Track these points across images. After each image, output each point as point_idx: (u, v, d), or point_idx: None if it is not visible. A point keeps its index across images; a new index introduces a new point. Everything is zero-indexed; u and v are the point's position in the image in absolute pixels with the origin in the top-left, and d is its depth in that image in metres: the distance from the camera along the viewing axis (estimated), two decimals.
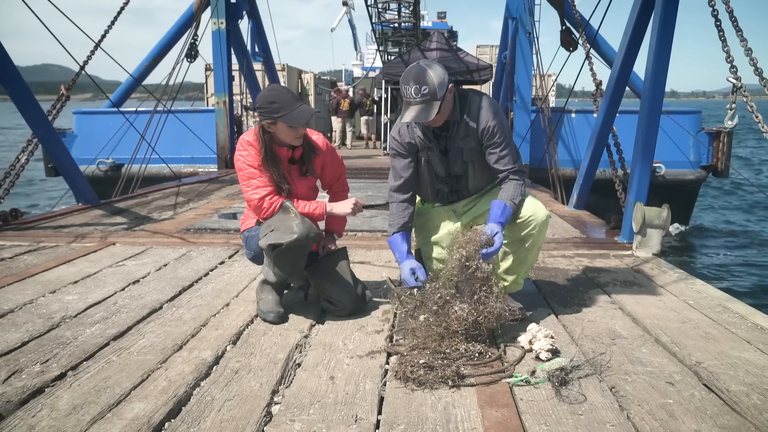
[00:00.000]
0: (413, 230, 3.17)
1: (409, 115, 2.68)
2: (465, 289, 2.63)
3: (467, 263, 2.59)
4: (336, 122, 17.08)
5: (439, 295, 2.62)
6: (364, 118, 17.17)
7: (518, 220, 2.87)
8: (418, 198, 3.20)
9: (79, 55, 7.21)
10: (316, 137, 3.15)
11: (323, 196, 3.23)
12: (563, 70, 9.98)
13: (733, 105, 4.23)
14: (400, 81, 2.74)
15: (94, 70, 7.53)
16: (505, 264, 3.04)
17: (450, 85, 2.72)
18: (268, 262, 2.95)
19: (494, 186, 3.02)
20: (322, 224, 3.21)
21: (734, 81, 4.11)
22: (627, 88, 6.47)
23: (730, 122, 4.31)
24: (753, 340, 2.75)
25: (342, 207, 3.06)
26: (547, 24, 12.05)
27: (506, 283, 3.06)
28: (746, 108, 4.28)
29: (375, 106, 16.54)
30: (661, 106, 4.66)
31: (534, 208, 2.87)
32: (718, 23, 4.25)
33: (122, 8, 8.20)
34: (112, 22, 8.01)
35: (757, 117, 4.11)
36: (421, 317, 2.62)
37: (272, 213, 2.92)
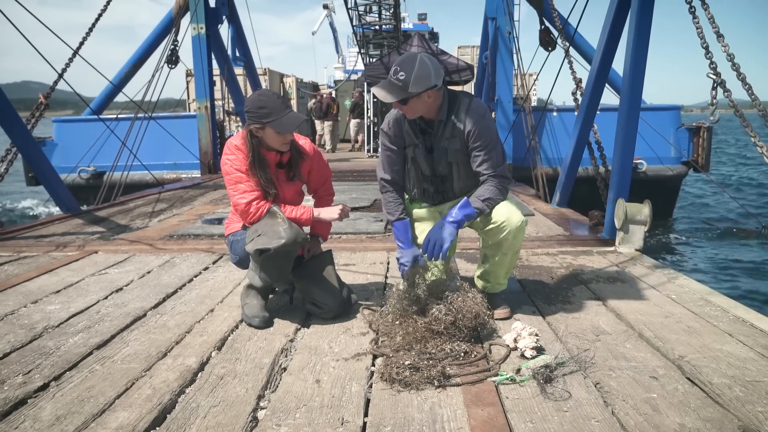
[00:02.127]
0: None
1: (375, 88, 2.77)
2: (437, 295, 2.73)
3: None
4: (325, 126, 16.96)
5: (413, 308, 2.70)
6: (356, 121, 17.12)
7: (492, 225, 2.88)
8: (406, 196, 3.21)
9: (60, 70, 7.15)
10: (303, 141, 3.14)
11: (307, 200, 3.23)
12: (544, 70, 10.03)
13: (715, 101, 4.26)
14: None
15: (75, 87, 7.45)
16: (484, 266, 3.07)
17: (431, 91, 2.72)
18: (255, 267, 2.94)
19: None
20: (307, 228, 3.21)
21: (714, 77, 4.14)
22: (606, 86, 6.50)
23: (711, 117, 4.35)
24: (735, 333, 2.79)
25: (329, 212, 3.05)
26: (527, 23, 12.13)
27: (488, 284, 3.08)
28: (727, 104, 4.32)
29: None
30: (639, 103, 4.70)
31: (507, 213, 2.86)
32: (696, 20, 4.29)
33: (100, 14, 8.14)
34: (90, 29, 7.95)
35: (737, 112, 4.15)
36: (398, 338, 2.61)
37: (259, 218, 2.91)
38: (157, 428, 1.99)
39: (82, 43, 7.61)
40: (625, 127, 4.65)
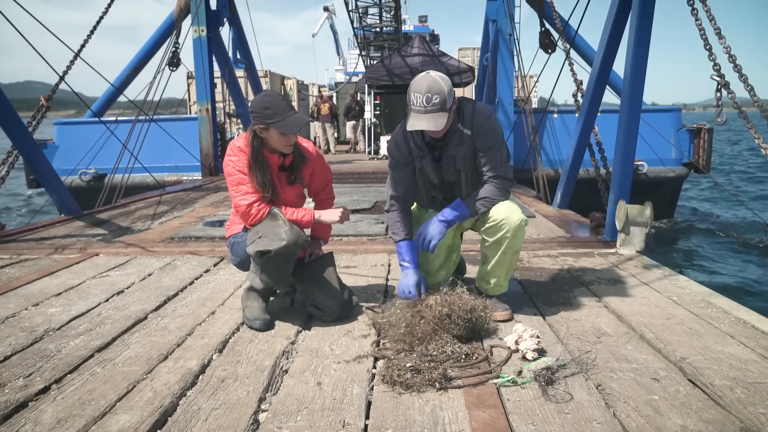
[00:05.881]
0: None
1: (418, 123, 2.66)
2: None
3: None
4: (317, 127, 17.14)
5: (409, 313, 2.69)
6: (351, 123, 17.21)
7: (492, 223, 2.89)
8: (414, 204, 3.21)
9: (61, 72, 7.14)
10: (306, 144, 3.15)
11: (308, 203, 3.23)
12: (545, 72, 10.03)
13: (720, 102, 4.24)
14: (410, 89, 2.70)
15: (77, 87, 7.46)
16: (486, 267, 3.06)
17: (455, 98, 2.76)
18: (255, 269, 2.94)
19: None
20: (308, 230, 3.21)
21: (717, 78, 4.13)
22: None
23: (719, 119, 4.32)
24: (736, 335, 2.78)
25: (330, 215, 3.05)
26: (528, 25, 12.15)
27: (489, 286, 3.08)
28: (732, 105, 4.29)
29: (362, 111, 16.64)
30: (640, 105, 4.70)
31: (507, 212, 2.87)
32: (698, 22, 4.28)
33: (101, 17, 8.15)
34: (92, 31, 7.95)
35: (742, 114, 4.15)
36: (401, 330, 2.61)
37: (260, 219, 2.91)
38: (159, 431, 1.99)
39: (83, 46, 7.62)
40: (626, 129, 4.65)
